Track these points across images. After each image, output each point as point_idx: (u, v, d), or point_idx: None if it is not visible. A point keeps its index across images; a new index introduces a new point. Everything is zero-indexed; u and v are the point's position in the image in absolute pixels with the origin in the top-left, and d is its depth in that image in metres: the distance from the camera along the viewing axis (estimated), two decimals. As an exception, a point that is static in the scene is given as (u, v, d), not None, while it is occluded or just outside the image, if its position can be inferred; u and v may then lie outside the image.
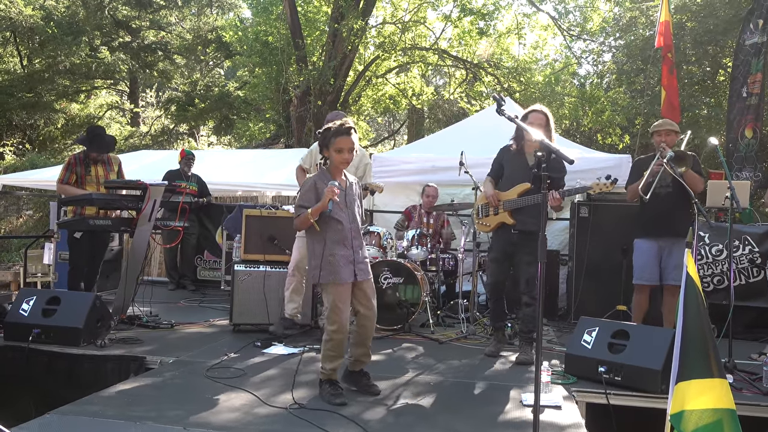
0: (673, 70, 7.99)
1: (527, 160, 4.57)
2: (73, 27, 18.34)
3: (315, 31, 15.83)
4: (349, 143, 3.51)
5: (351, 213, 3.60)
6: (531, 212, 4.48)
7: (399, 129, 23.99)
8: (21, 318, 4.51)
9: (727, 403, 2.37)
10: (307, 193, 3.55)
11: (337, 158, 3.54)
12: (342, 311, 3.48)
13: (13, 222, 15.87)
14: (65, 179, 5.58)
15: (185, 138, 22.47)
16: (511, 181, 4.63)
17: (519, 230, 4.54)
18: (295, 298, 5.04)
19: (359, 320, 3.66)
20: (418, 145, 9.48)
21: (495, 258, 4.75)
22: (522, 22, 16.95)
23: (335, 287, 3.49)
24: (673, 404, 2.39)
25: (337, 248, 3.50)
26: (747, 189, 5.95)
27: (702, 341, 2.42)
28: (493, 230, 4.74)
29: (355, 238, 3.58)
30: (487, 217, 4.74)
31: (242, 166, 9.99)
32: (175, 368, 4.09)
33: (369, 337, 3.70)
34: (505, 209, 4.59)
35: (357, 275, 3.55)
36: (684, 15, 12.58)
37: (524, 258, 4.55)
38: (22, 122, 19.34)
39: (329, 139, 3.52)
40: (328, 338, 3.51)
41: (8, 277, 8.52)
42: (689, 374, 2.42)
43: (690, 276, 2.52)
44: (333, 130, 3.51)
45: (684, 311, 2.52)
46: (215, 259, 8.32)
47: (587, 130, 16.22)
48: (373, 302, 3.65)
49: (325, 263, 3.48)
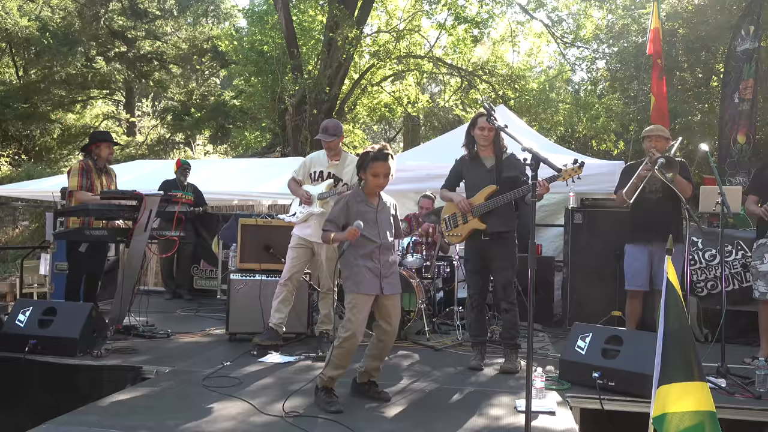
0: (662, 77, 8.04)
1: (485, 164, 4.59)
2: (69, 37, 18.40)
3: (310, 40, 15.91)
4: (386, 168, 3.61)
5: (382, 231, 3.69)
6: (501, 213, 4.47)
7: (395, 137, 24.06)
8: (17, 329, 4.53)
9: (708, 406, 2.42)
10: (339, 212, 3.66)
11: (373, 182, 3.64)
12: (358, 321, 3.54)
13: (9, 233, 15.86)
14: (83, 185, 5.49)
15: (181, 147, 22.50)
16: (475, 187, 4.60)
17: (491, 233, 4.50)
18: (282, 308, 4.97)
19: (379, 335, 3.73)
20: (413, 152, 9.51)
21: (474, 269, 4.70)
22: (516, 29, 17.08)
23: (357, 297, 3.57)
24: (655, 407, 2.43)
25: (365, 261, 3.61)
26: (739, 194, 5.98)
27: (682, 345, 2.47)
28: (465, 239, 4.68)
29: (383, 254, 3.68)
30: (457, 227, 4.68)
31: (238, 175, 10.02)
32: (171, 378, 4.10)
33: (387, 352, 3.81)
34: (474, 215, 4.54)
35: (383, 288, 3.63)
36: (676, 22, 12.67)
37: (500, 264, 4.53)
38: (18, 133, 19.35)
39: (367, 162, 3.62)
40: (339, 345, 3.55)
41: (4, 289, 8.50)
42: (670, 378, 2.46)
43: (670, 281, 2.57)
44: (372, 155, 3.61)
45: (665, 316, 2.57)
46: (212, 268, 8.34)
47: (582, 136, 16.29)
48: (395, 319, 3.72)
49: (352, 274, 3.59)
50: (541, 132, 12.96)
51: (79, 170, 5.55)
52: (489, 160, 4.59)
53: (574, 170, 4.00)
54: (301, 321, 5.40)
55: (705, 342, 5.58)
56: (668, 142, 4.95)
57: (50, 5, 19.51)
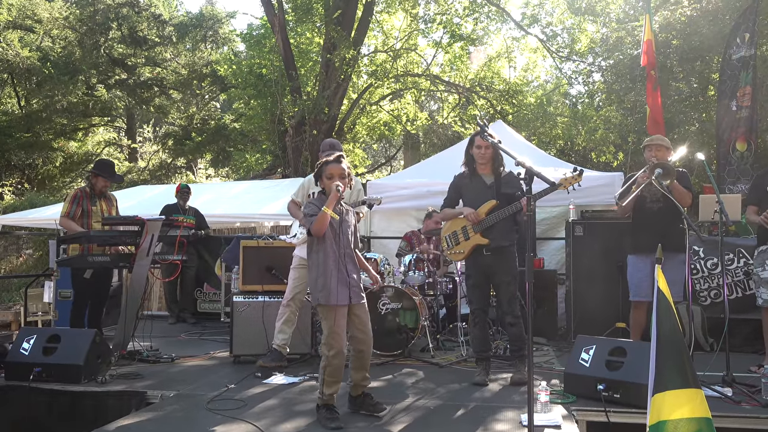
0: (657, 88, 8.09)
1: (484, 181, 4.65)
2: (70, 66, 18.59)
3: (308, 62, 16.04)
4: (338, 170, 3.72)
5: (345, 238, 3.77)
6: (501, 228, 4.52)
7: (395, 155, 24.15)
8: (22, 357, 4.54)
9: (704, 412, 2.42)
10: (311, 204, 3.77)
11: (327, 184, 3.74)
12: (340, 336, 3.59)
13: (13, 261, 15.88)
14: (71, 213, 5.60)
15: (183, 172, 22.60)
16: (474, 204, 4.64)
17: (493, 248, 4.54)
18: (285, 329, 4.98)
19: (356, 345, 3.75)
20: (413, 170, 9.56)
21: (475, 284, 4.72)
22: (511, 45, 17.21)
23: (332, 311, 3.60)
24: (651, 415, 2.43)
25: (333, 271, 3.66)
26: (738, 202, 6.00)
27: (676, 353, 2.47)
28: (468, 256, 4.70)
29: (348, 262, 3.74)
30: (458, 244, 4.71)
31: (240, 197, 10.06)
32: (176, 402, 4.10)
33: (367, 361, 3.80)
34: (476, 231, 4.59)
35: (351, 298, 3.68)
36: (669, 33, 12.76)
37: (503, 278, 4.57)
38: (20, 162, 19.48)
39: (321, 168, 3.77)
40: (327, 364, 3.59)
41: (9, 317, 8.50)
42: (665, 386, 2.47)
43: (660, 290, 2.58)
44: (323, 162, 3.78)
45: (657, 324, 2.58)
46: (215, 291, 8.33)
47: (581, 148, 16.32)
48: (368, 326, 3.77)
49: (322, 286, 3.63)
50: (540, 146, 13.00)
51: (72, 197, 5.68)
52: (488, 178, 4.65)
53: (574, 178, 4.07)
54: (304, 341, 5.40)
55: (710, 351, 5.56)
56: (669, 151, 4.95)
57: (51, 35, 19.73)
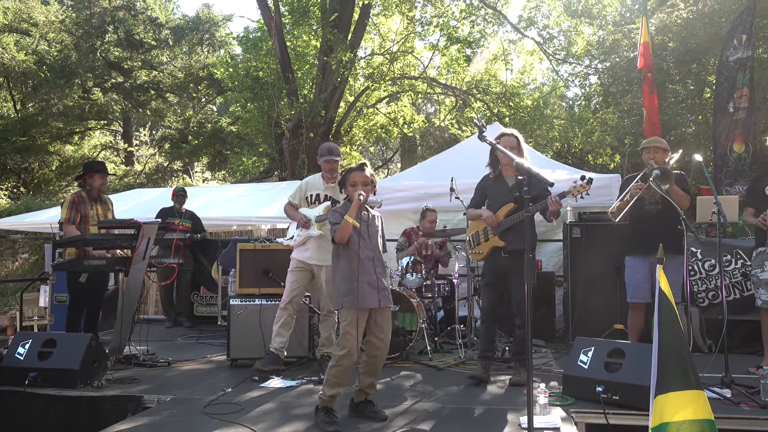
0: (653, 90, 8.10)
1: (507, 183, 4.69)
2: (66, 70, 18.58)
3: (305, 65, 16.05)
4: (361, 177, 3.75)
5: (374, 243, 3.78)
6: (519, 232, 4.52)
7: (392, 157, 24.16)
8: (17, 362, 4.50)
9: (706, 414, 2.40)
10: (335, 212, 3.78)
11: (351, 191, 3.77)
12: (354, 337, 3.56)
13: (9, 266, 15.83)
14: (71, 219, 5.57)
15: (180, 175, 22.57)
16: (494, 206, 4.71)
17: (510, 251, 4.58)
18: (283, 332, 4.96)
19: (371, 350, 3.73)
20: (409, 172, 9.54)
21: (489, 282, 4.79)
22: (508, 48, 17.24)
23: (354, 313, 3.58)
24: (653, 417, 2.42)
25: (363, 275, 3.64)
26: (735, 203, 5.99)
27: (678, 354, 2.46)
28: (486, 257, 4.77)
29: (377, 266, 3.75)
30: (479, 245, 4.79)
31: (237, 200, 10.04)
32: (172, 406, 4.07)
33: (379, 368, 3.80)
34: (494, 233, 4.65)
35: (381, 301, 3.69)
36: (666, 36, 12.79)
37: (518, 280, 4.58)
38: (16, 166, 19.44)
39: (345, 176, 3.82)
40: (335, 363, 3.57)
41: (5, 322, 8.47)
42: (667, 387, 2.45)
43: (662, 291, 2.57)
44: (347, 170, 3.85)
45: (659, 326, 2.56)
46: (212, 294, 8.30)
47: (578, 151, 16.35)
48: (387, 334, 3.75)
49: (353, 289, 3.61)
50: (537, 148, 13.01)
51: (69, 202, 5.64)
52: (511, 180, 4.66)
53: (583, 186, 4.13)
54: (302, 344, 5.37)
55: (709, 352, 5.55)
56: (667, 153, 4.95)
57: (47, 39, 19.71)
